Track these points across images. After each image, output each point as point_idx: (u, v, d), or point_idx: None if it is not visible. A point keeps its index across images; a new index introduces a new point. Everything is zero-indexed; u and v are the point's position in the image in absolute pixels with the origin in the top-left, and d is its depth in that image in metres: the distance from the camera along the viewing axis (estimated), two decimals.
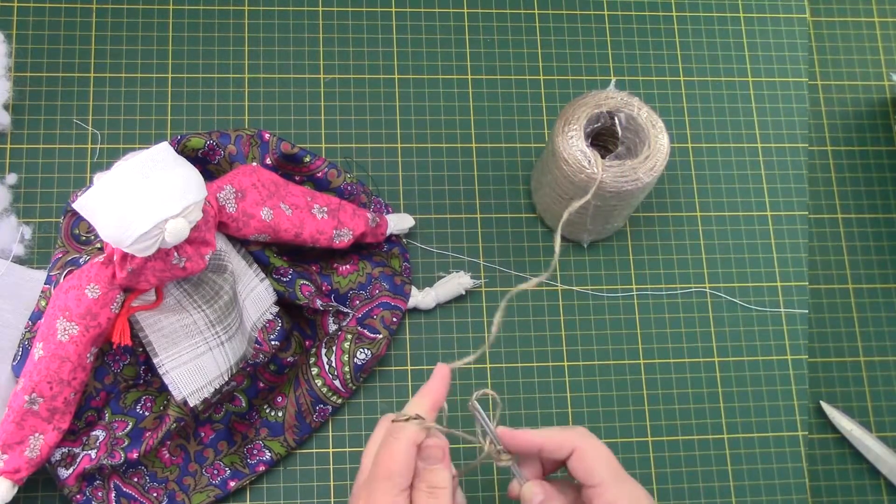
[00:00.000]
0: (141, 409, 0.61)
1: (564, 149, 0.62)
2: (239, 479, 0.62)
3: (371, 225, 0.64)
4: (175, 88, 0.70)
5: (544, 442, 0.50)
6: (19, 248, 0.65)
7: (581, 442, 0.50)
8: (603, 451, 0.50)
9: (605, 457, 0.50)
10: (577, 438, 0.50)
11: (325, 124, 0.71)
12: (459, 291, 0.67)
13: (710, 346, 0.69)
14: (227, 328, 0.59)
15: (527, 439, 0.51)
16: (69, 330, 0.55)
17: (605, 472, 0.49)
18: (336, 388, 0.63)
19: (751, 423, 0.68)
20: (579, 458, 0.49)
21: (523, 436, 0.51)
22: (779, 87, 0.76)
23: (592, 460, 0.49)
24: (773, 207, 0.73)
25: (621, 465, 0.51)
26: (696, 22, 0.77)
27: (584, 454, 0.49)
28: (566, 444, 0.50)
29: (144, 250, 0.51)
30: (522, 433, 0.51)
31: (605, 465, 0.49)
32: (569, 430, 0.51)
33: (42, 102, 0.69)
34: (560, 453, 0.50)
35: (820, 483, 0.67)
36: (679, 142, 0.74)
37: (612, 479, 0.49)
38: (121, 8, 0.72)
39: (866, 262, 0.72)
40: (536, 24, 0.75)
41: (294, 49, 0.72)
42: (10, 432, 0.55)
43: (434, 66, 0.73)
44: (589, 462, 0.49)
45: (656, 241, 0.71)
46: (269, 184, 0.61)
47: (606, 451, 0.50)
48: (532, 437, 0.51)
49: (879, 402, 0.69)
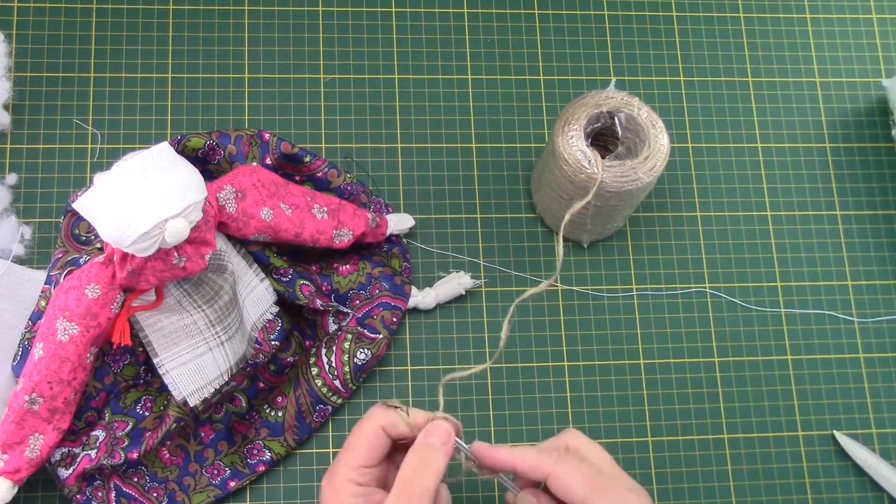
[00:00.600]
0: (141, 409, 0.61)
1: (564, 149, 0.62)
2: (239, 479, 0.62)
3: (371, 225, 0.64)
4: (175, 88, 0.70)
5: (517, 463, 0.51)
6: (19, 248, 0.65)
7: (554, 467, 0.50)
8: (577, 469, 0.50)
9: (582, 473, 0.49)
10: (548, 464, 0.50)
11: (325, 124, 0.71)
12: (459, 291, 0.67)
13: (710, 346, 0.69)
14: (227, 328, 0.59)
15: (500, 458, 0.51)
16: (69, 330, 0.55)
17: (583, 488, 0.49)
18: (336, 388, 0.63)
19: (751, 423, 0.68)
20: (555, 482, 0.50)
21: (498, 454, 0.51)
22: (779, 87, 0.76)
23: (568, 482, 0.49)
24: (774, 207, 0.73)
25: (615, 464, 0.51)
26: (696, 22, 0.77)
27: (557, 478, 0.50)
28: (540, 469, 0.50)
29: (144, 250, 0.51)
30: (497, 451, 0.51)
31: (582, 483, 0.49)
32: (543, 454, 0.51)
33: (42, 102, 0.69)
34: (535, 475, 0.50)
35: (819, 480, 0.67)
36: (679, 142, 0.74)
37: (594, 493, 0.49)
38: (121, 8, 0.72)
39: (865, 260, 0.72)
40: (536, 24, 0.75)
41: (294, 49, 0.72)
42: (10, 432, 0.55)
43: (434, 66, 0.73)
44: (565, 484, 0.49)
45: (656, 241, 0.71)
46: (270, 184, 0.61)
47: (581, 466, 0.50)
48: (506, 456, 0.51)
49: (879, 399, 0.69)
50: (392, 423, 0.51)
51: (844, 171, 0.74)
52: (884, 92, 0.76)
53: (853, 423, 0.68)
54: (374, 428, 0.51)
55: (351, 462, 0.51)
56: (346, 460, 0.51)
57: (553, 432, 0.66)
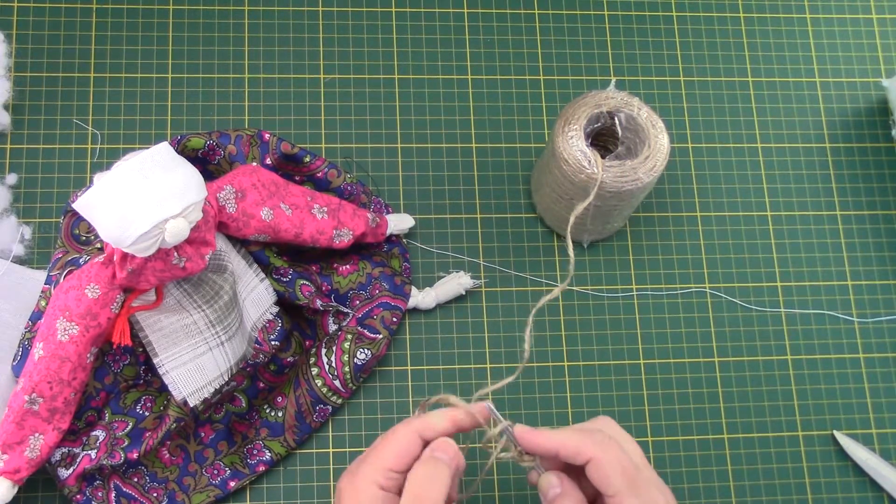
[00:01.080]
0: (141, 409, 0.61)
1: (564, 149, 0.62)
2: (239, 480, 0.62)
3: (371, 225, 0.64)
4: (175, 88, 0.70)
5: (560, 448, 0.49)
6: (19, 248, 0.65)
7: (596, 451, 0.49)
8: (619, 460, 0.49)
9: (622, 465, 0.48)
10: (592, 448, 0.49)
11: (325, 124, 0.71)
12: (459, 291, 0.67)
13: (710, 346, 0.69)
14: (227, 328, 0.59)
15: (541, 443, 0.50)
16: (69, 330, 0.55)
17: (620, 482, 0.48)
18: (336, 389, 0.63)
19: (751, 423, 0.68)
20: (595, 468, 0.49)
21: (540, 438, 0.50)
22: (779, 87, 0.76)
23: (607, 471, 0.48)
24: (773, 207, 0.73)
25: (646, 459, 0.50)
26: (696, 22, 0.77)
27: (598, 465, 0.49)
28: (582, 453, 0.49)
29: (144, 250, 0.51)
30: (540, 434, 0.50)
31: (619, 476, 0.48)
32: (586, 436, 0.50)
33: (42, 102, 0.69)
34: (577, 460, 0.49)
35: (819, 480, 0.67)
36: (679, 142, 0.74)
37: (628, 490, 0.48)
38: (121, 8, 0.72)
39: (865, 260, 0.72)
40: (536, 24, 0.75)
41: (294, 49, 0.72)
42: (10, 432, 0.55)
43: (434, 66, 0.73)
44: (604, 472, 0.48)
45: (656, 241, 0.71)
46: (269, 184, 0.61)
47: (623, 457, 0.49)
48: (548, 440, 0.50)
49: (879, 399, 0.69)
50: (429, 426, 0.50)
51: (844, 171, 0.74)
52: (884, 92, 0.76)
53: (853, 423, 0.68)
54: (408, 432, 0.50)
55: (379, 464, 0.49)
56: (374, 462, 0.49)
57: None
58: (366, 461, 0.50)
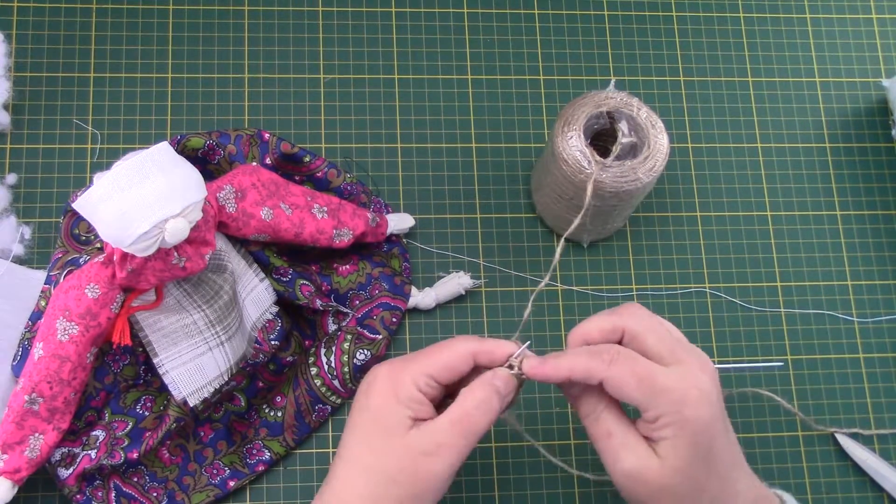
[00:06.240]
0: (141, 409, 0.61)
1: (564, 149, 0.62)
2: (238, 479, 0.62)
3: (371, 225, 0.64)
4: (175, 88, 0.70)
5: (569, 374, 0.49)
6: (19, 248, 0.65)
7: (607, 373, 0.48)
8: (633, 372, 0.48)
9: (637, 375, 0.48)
10: (602, 370, 0.48)
11: (325, 124, 0.71)
12: (459, 291, 0.67)
13: (710, 346, 0.69)
14: (227, 328, 0.59)
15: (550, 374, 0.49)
16: (69, 330, 0.55)
17: (638, 395, 0.47)
18: (335, 388, 0.63)
19: (751, 423, 0.68)
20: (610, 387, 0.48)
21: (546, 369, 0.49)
22: (779, 87, 0.76)
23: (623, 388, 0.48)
24: (774, 207, 0.73)
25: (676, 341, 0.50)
26: (696, 22, 0.77)
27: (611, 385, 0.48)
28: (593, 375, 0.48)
29: (144, 250, 0.51)
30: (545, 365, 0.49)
31: (636, 390, 0.47)
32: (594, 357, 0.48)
33: (42, 102, 0.69)
34: (592, 381, 0.49)
35: (819, 480, 0.67)
36: (679, 142, 0.74)
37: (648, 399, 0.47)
38: (121, 8, 0.72)
39: (865, 260, 0.72)
40: (536, 24, 0.75)
41: (294, 49, 0.72)
42: (9, 432, 0.55)
43: (434, 66, 0.73)
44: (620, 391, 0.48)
45: (656, 241, 0.71)
46: (269, 183, 0.61)
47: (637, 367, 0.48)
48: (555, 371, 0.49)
49: (879, 399, 0.69)
50: (487, 351, 0.50)
51: (844, 171, 0.74)
52: (884, 92, 0.76)
53: (853, 423, 0.68)
54: (462, 350, 0.50)
55: (424, 367, 0.49)
56: (422, 364, 0.49)
57: (553, 433, 0.66)
58: (414, 360, 0.50)
